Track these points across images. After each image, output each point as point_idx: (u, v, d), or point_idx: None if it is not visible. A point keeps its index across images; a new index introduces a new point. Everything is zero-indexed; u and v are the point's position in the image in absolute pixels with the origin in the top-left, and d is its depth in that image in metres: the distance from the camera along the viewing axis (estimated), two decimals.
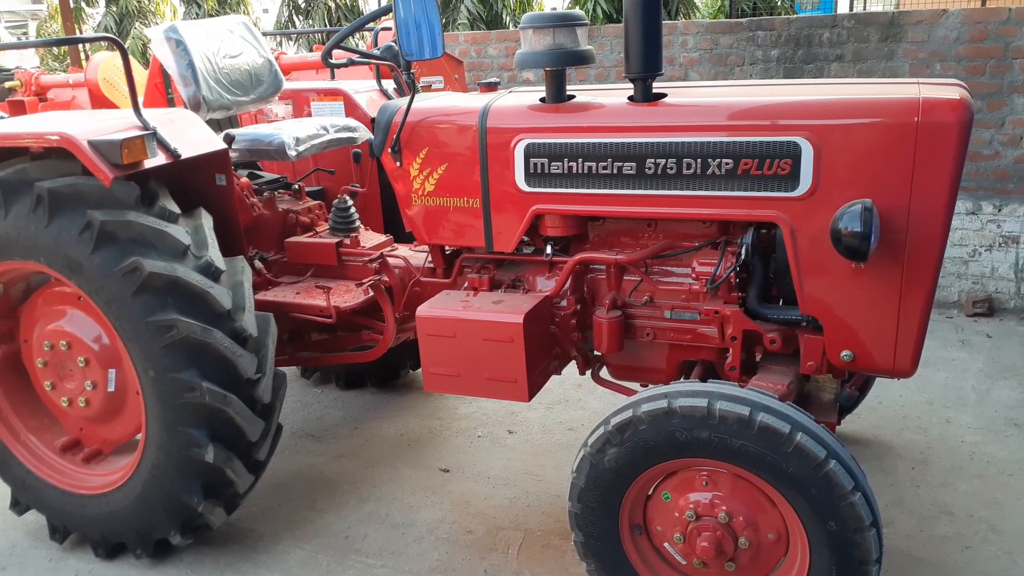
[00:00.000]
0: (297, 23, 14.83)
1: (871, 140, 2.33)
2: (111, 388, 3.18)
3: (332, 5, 14.51)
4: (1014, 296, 5.49)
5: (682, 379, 2.85)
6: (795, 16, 6.31)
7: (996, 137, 5.38)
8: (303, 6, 14.93)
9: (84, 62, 9.46)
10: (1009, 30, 5.19)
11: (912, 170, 2.30)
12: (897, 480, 3.54)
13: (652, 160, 2.59)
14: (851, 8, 10.71)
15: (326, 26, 13.98)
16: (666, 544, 2.52)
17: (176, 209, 2.95)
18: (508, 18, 12.78)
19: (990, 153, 5.42)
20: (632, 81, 2.67)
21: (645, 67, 2.59)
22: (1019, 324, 5.29)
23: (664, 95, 2.70)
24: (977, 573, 2.96)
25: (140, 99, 3.01)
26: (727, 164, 2.49)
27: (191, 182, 3.15)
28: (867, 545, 2.18)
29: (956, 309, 5.59)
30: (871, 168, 2.34)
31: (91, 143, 2.75)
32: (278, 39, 13.35)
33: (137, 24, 15.79)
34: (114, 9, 16.00)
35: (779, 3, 12.80)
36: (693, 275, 2.75)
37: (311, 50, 10.60)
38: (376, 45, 4.12)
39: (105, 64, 6.77)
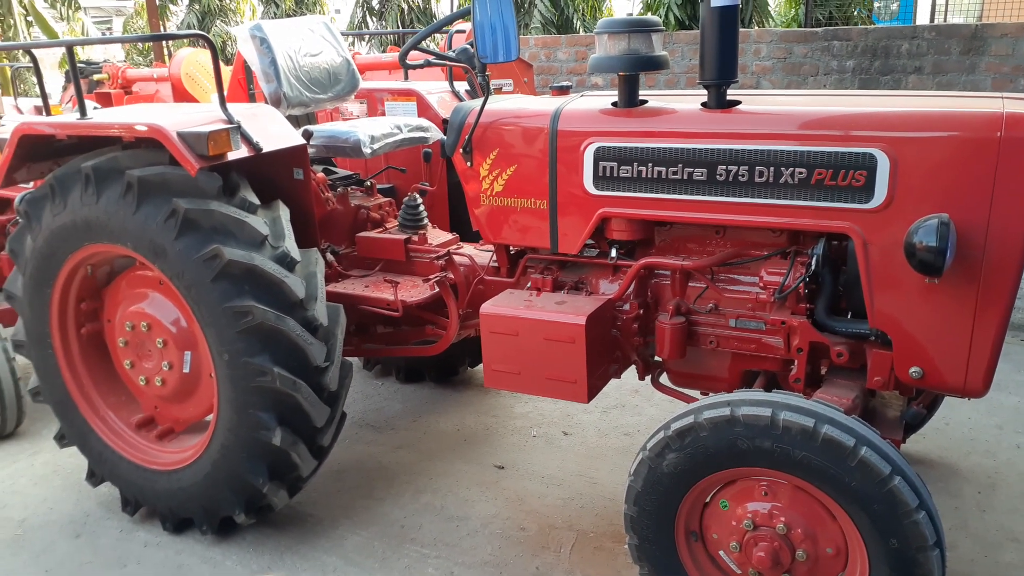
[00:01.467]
0: (370, 24, 15.12)
1: (950, 154, 2.29)
2: (186, 369, 3.31)
3: (405, 7, 14.75)
4: None
5: (744, 388, 2.84)
6: (872, 26, 6.19)
7: None
8: (376, 7, 15.21)
9: (167, 58, 9.83)
10: None
11: (992, 186, 2.25)
12: (963, 504, 3.45)
13: (724, 167, 2.59)
14: (932, 19, 10.41)
15: (399, 27, 14.21)
16: (721, 552, 2.52)
17: (256, 200, 3.06)
18: (579, 22, 12.80)
19: None
20: (706, 87, 2.68)
21: (720, 74, 2.60)
22: None
23: (738, 102, 2.69)
24: None
25: (224, 94, 3.13)
26: (800, 173, 2.48)
27: (270, 175, 3.26)
28: (930, 565, 2.14)
29: None
30: (949, 182, 2.30)
31: (180, 134, 2.88)
32: (351, 39, 13.64)
33: (218, 22, 16.32)
34: (196, 7, 16.57)
35: (856, 12, 12.53)
36: (760, 284, 2.74)
37: (383, 51, 10.80)
38: (451, 47, 4.20)
39: (188, 60, 7.03)
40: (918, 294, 2.40)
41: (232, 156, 2.99)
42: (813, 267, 2.56)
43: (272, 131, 3.18)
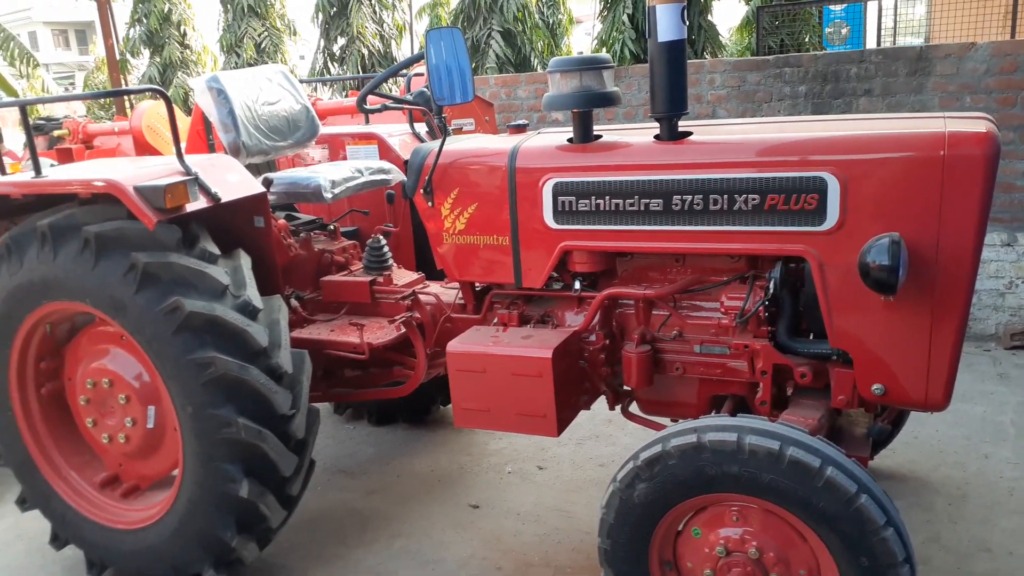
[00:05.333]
0: (332, 69, 15.23)
1: (898, 174, 2.35)
2: (150, 424, 3.26)
3: (365, 52, 14.89)
4: None
5: (712, 413, 2.85)
6: (822, 52, 6.36)
7: None
8: (338, 54, 15.33)
9: (129, 110, 9.80)
10: None
11: (940, 203, 2.30)
12: (934, 516, 3.47)
13: (679, 196, 2.63)
14: (878, 43, 10.72)
15: (360, 73, 14.33)
16: None
17: (216, 250, 3.05)
18: (536, 60, 13.00)
19: None
20: (658, 120, 2.73)
21: (671, 106, 2.65)
22: None
23: (690, 133, 2.74)
24: None
25: (183, 146, 3.13)
26: (754, 199, 2.52)
27: (231, 224, 3.25)
28: None
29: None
30: (898, 202, 2.36)
31: (136, 189, 2.87)
32: (314, 85, 13.71)
33: (180, 73, 16.33)
34: (158, 60, 16.58)
35: (807, 39, 12.85)
36: (722, 309, 2.77)
37: (346, 96, 10.87)
38: (409, 91, 4.23)
39: (149, 112, 7.00)
40: (875, 312, 2.44)
41: (191, 207, 2.98)
42: (772, 290, 2.60)
43: (231, 180, 3.17)
